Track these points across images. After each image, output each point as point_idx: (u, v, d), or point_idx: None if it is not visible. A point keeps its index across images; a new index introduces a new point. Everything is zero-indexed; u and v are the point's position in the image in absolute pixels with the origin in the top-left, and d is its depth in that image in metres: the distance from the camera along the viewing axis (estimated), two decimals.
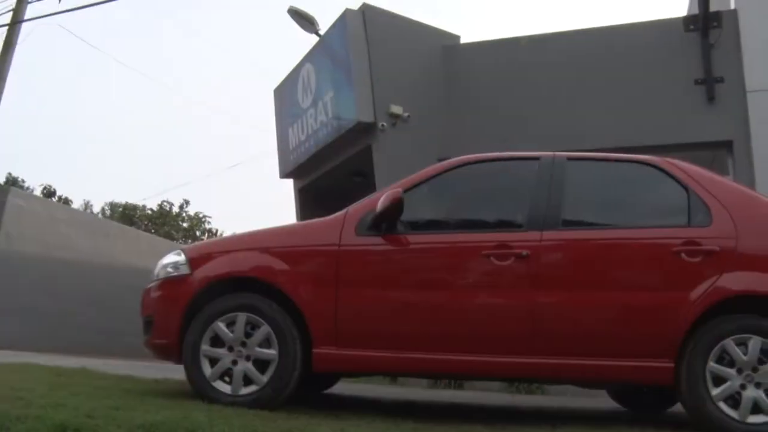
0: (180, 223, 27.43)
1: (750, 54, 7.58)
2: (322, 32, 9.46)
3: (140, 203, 27.47)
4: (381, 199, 3.69)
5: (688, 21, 8.06)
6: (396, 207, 3.65)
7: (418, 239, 3.80)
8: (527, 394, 6.40)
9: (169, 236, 23.80)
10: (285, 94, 10.55)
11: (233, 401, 3.45)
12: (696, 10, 8.19)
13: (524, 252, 3.62)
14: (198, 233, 27.08)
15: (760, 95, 7.42)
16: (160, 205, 27.14)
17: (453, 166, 4.03)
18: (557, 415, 4.26)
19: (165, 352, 3.89)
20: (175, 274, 3.88)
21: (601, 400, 5.56)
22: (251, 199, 49.01)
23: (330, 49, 9.09)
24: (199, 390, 3.58)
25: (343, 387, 5.36)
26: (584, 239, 3.77)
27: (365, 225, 3.77)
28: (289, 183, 11.05)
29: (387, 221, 3.74)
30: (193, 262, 3.86)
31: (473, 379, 5.81)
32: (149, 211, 27.07)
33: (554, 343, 3.56)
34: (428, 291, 3.69)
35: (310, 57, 9.70)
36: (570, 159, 4.00)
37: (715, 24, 7.77)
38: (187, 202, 27.75)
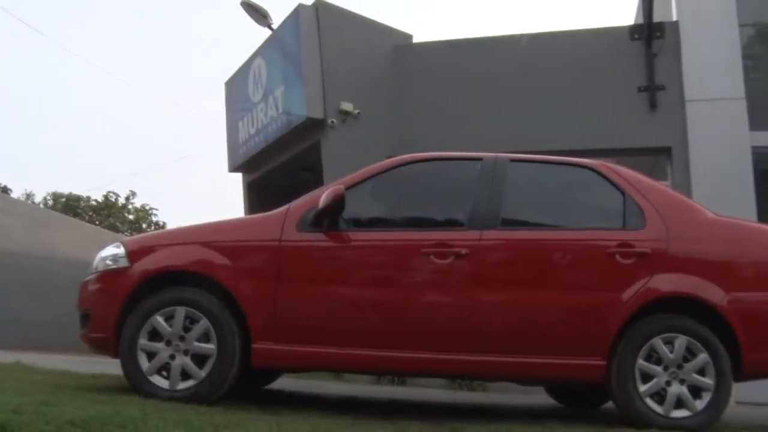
0: (125, 215, 26.83)
1: (689, 64, 7.86)
2: (274, 26, 9.39)
3: (85, 194, 26.76)
4: (323, 196, 3.70)
5: (633, 30, 8.30)
6: (337, 204, 3.68)
7: (359, 236, 3.83)
8: (469, 390, 6.50)
9: (113, 228, 23.27)
10: (236, 87, 10.44)
11: (170, 396, 3.42)
12: (641, 20, 8.44)
13: (463, 251, 3.68)
14: (144, 225, 26.53)
15: (697, 104, 7.70)
16: (106, 197, 26.51)
17: (396, 164, 4.07)
18: (494, 411, 4.35)
19: (102, 346, 3.82)
20: (114, 266, 3.82)
21: (540, 397, 5.70)
22: (200, 192, 48.22)
23: (282, 43, 9.03)
24: (135, 385, 3.53)
25: (284, 383, 5.35)
26: (522, 239, 3.85)
27: (307, 221, 3.78)
28: (238, 177, 10.96)
29: (328, 218, 3.76)
30: (133, 254, 3.80)
31: (414, 376, 5.87)
32: (94, 203, 26.40)
33: (492, 341, 3.63)
34: (368, 288, 3.72)
35: (261, 51, 9.63)
36: (512, 160, 4.08)
37: (658, 34, 8.02)
38: (133, 194, 27.22)
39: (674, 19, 8.17)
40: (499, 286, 3.70)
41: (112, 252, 3.90)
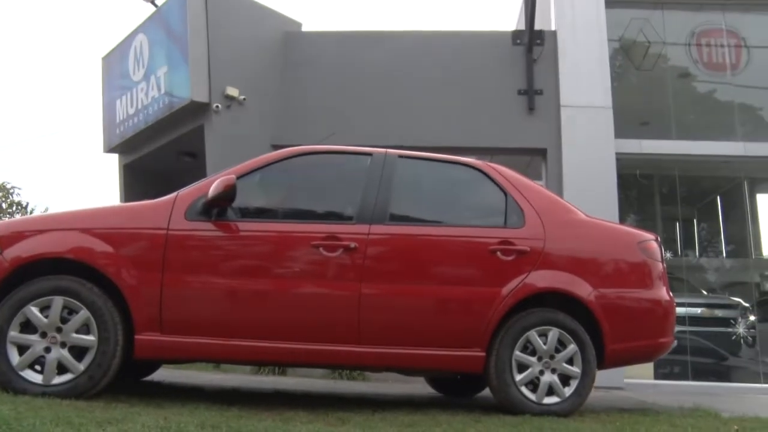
0: None
1: (565, 72, 8.34)
2: (159, 2, 9.01)
3: None
4: (213, 185, 3.65)
5: (515, 35, 8.70)
6: (228, 193, 3.63)
7: (248, 227, 3.80)
8: (349, 380, 6.60)
9: None
10: (114, 63, 9.89)
11: (44, 391, 3.26)
12: (523, 26, 8.87)
13: (352, 244, 3.76)
14: (4, 206, 24.57)
15: (570, 110, 8.20)
16: None
17: (288, 155, 4.07)
18: (377, 400, 4.46)
19: None
20: None
21: (418, 387, 5.90)
22: (70, 172, 45.13)
23: (166, 22, 8.66)
24: (3, 380, 3.31)
25: (163, 373, 5.20)
26: (409, 234, 3.97)
27: (196, 210, 3.71)
28: (114, 158, 10.42)
29: (218, 207, 3.71)
30: (3, 240, 3.55)
31: (302, 367, 5.89)
32: None
33: (378, 333, 3.73)
34: (257, 279, 3.70)
35: (144, 27, 9.17)
36: (401, 157, 4.19)
37: (538, 41, 8.46)
38: None
39: (553, 28, 8.64)
40: (386, 280, 3.80)
41: None
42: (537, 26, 8.39)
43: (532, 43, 8.41)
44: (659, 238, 4.45)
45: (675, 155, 8.69)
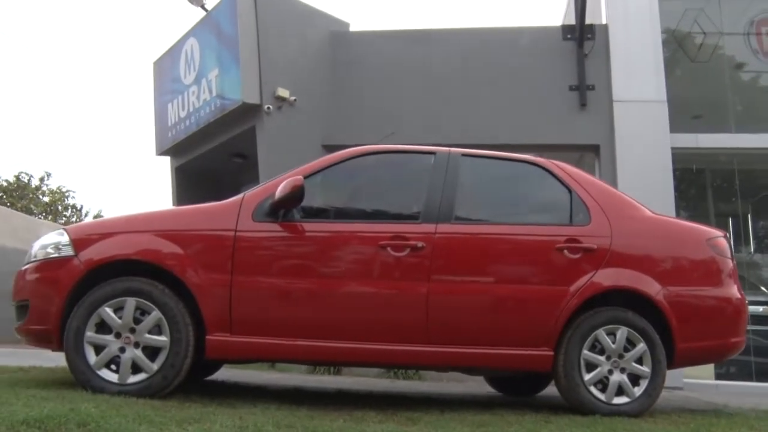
0: (40, 197, 25.44)
1: (617, 67, 8.21)
2: (208, 6, 9.15)
3: None
4: (281, 186, 3.67)
5: (565, 30, 8.59)
6: (296, 194, 3.65)
7: (315, 227, 3.81)
8: (405, 379, 6.59)
9: (27, 211, 22.03)
10: (165, 67, 10.09)
11: (120, 390, 3.32)
12: (571, 20, 8.74)
13: (419, 244, 3.74)
14: (60, 208, 25.27)
15: (624, 105, 8.06)
16: (17, 177, 25.01)
17: (351, 155, 4.07)
18: (441, 399, 4.44)
19: (42, 339, 3.66)
20: (57, 255, 3.65)
21: (475, 385, 5.87)
22: (122, 174, 46.19)
23: (217, 25, 8.80)
24: (81, 379, 3.40)
25: (225, 373, 5.27)
26: (476, 233, 3.94)
27: (263, 211, 3.73)
28: (166, 160, 10.63)
29: (285, 208, 3.73)
30: (78, 243, 3.64)
31: (367, 367, 5.89)
32: (4, 183, 24.85)
33: (446, 333, 3.71)
34: (325, 279, 3.71)
35: (194, 32, 9.34)
36: (464, 155, 4.16)
37: (589, 36, 8.33)
38: (48, 175, 25.98)
39: (604, 22, 8.48)
40: (454, 279, 3.77)
41: (54, 240, 3.72)
42: (587, 21, 8.25)
43: (582, 37, 8.29)
44: (728, 235, 4.33)
45: (733, 149, 8.46)
